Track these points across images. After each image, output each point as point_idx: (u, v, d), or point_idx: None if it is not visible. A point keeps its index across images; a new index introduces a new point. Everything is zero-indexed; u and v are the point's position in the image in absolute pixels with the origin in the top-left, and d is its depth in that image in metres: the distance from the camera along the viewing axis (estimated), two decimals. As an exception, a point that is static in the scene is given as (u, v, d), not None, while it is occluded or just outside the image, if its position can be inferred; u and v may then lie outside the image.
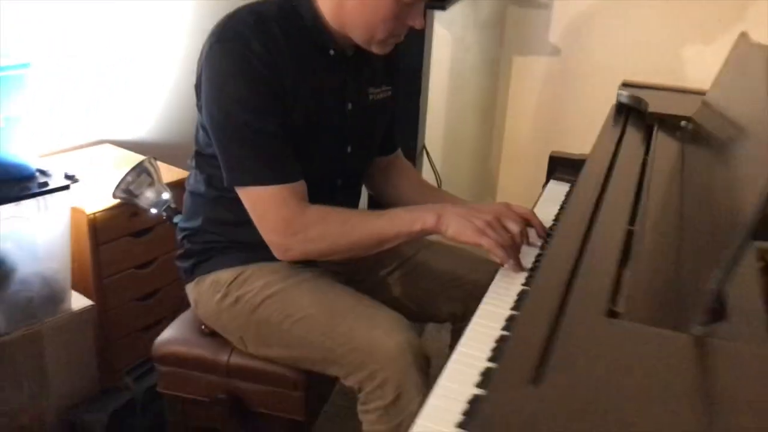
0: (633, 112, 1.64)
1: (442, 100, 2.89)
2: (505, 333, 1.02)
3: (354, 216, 1.31)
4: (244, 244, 1.39)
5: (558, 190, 1.72)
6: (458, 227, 1.22)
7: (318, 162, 1.35)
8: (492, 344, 0.99)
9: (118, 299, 1.93)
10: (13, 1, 1.87)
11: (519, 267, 1.20)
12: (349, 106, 1.40)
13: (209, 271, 1.42)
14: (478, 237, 1.21)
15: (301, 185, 1.30)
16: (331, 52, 1.35)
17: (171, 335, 1.50)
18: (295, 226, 1.27)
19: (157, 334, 1.52)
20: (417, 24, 1.29)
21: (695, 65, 2.34)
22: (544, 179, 2.47)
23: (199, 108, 1.35)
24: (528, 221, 1.31)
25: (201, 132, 1.39)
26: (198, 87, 1.32)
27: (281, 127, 1.27)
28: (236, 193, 1.31)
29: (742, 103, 1.21)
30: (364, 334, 1.26)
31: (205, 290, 1.43)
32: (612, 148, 1.47)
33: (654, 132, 1.45)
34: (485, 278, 1.40)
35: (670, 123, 1.47)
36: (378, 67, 1.45)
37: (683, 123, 1.45)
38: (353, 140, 1.44)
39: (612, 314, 0.86)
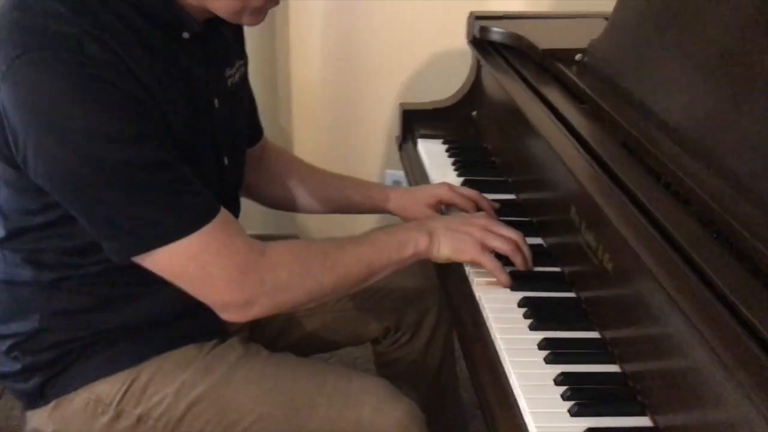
0: (503, 50, 1.46)
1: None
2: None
3: (330, 245, 1.01)
4: (129, 332, 1.00)
5: (436, 151, 1.51)
6: (455, 245, 1.03)
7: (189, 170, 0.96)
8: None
9: None
10: None
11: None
12: (216, 103, 1.02)
13: (77, 388, 0.99)
14: (479, 255, 1.03)
15: (228, 213, 0.95)
16: (185, 35, 0.96)
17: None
18: (257, 272, 0.93)
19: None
20: None
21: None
22: (348, 132, 2.28)
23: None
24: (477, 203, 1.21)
25: (7, 192, 0.91)
26: None
27: (167, 147, 0.90)
28: (106, 264, 0.93)
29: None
30: (348, 420, 0.98)
31: (75, 415, 1.01)
32: (518, 96, 1.29)
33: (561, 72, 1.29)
34: (416, 281, 1.27)
35: (562, 59, 1.32)
36: (229, 38, 1.07)
37: (578, 57, 1.31)
38: (227, 148, 1.08)
39: None
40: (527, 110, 1.23)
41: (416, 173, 1.49)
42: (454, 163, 1.44)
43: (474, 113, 1.61)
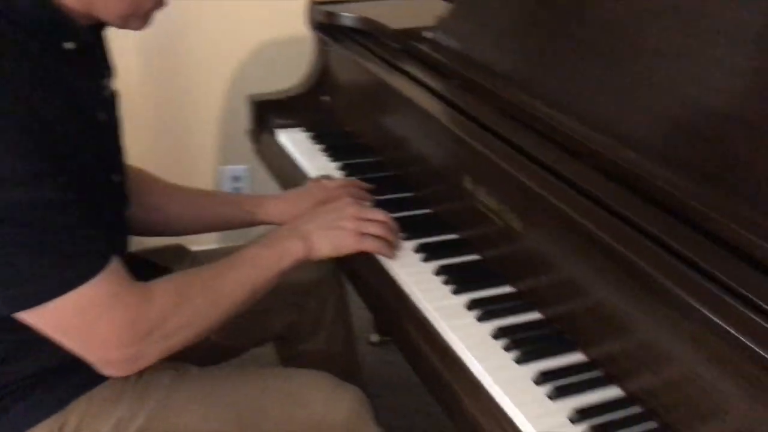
0: (351, 34, 1.50)
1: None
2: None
3: (209, 275, 0.96)
4: (47, 377, 0.92)
5: (299, 139, 1.52)
6: (333, 243, 1.04)
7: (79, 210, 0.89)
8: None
9: None
10: None
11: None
12: (102, 116, 0.96)
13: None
14: (359, 244, 1.06)
15: (118, 260, 0.87)
16: (68, 45, 0.88)
17: None
18: (144, 325, 0.87)
19: None
20: None
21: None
22: (177, 132, 2.18)
23: None
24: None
25: None
26: None
27: (60, 184, 0.82)
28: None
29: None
30: (300, 418, 0.98)
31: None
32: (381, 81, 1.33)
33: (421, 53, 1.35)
34: (313, 272, 1.27)
35: (413, 38, 1.38)
36: (102, 47, 1.01)
37: (428, 34, 1.38)
38: (115, 164, 1.01)
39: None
40: (402, 88, 1.27)
41: (283, 165, 1.49)
42: (323, 150, 1.46)
43: (326, 98, 1.63)
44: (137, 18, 0.90)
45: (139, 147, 2.19)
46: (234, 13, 2.06)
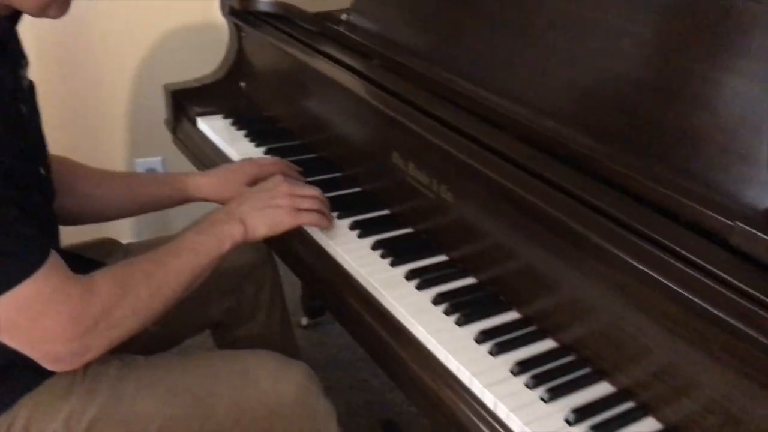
0: (268, 18, 1.50)
1: None
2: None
3: (150, 264, 0.95)
4: None
5: (220, 126, 1.52)
6: (270, 222, 1.05)
7: (13, 206, 0.87)
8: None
9: None
10: None
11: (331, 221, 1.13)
12: (23, 108, 0.94)
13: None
14: (296, 219, 1.08)
15: (57, 255, 0.86)
16: None
17: None
18: (89, 317, 0.87)
19: None
20: None
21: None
22: (83, 130, 2.12)
23: None
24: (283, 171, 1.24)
25: None
26: None
27: None
28: None
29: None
30: (251, 396, 0.99)
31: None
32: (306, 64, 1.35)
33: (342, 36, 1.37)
34: (248, 256, 1.30)
35: (330, 20, 1.40)
36: (16, 37, 0.99)
37: (344, 16, 1.41)
38: (41, 157, 1.00)
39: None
40: (324, 69, 1.30)
41: (206, 152, 1.48)
42: (246, 136, 1.46)
43: (242, 84, 1.64)
44: (57, 6, 0.89)
45: (50, 143, 2.13)
46: (142, 1, 2.02)
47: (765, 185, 0.78)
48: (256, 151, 1.41)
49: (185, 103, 1.59)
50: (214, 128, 1.51)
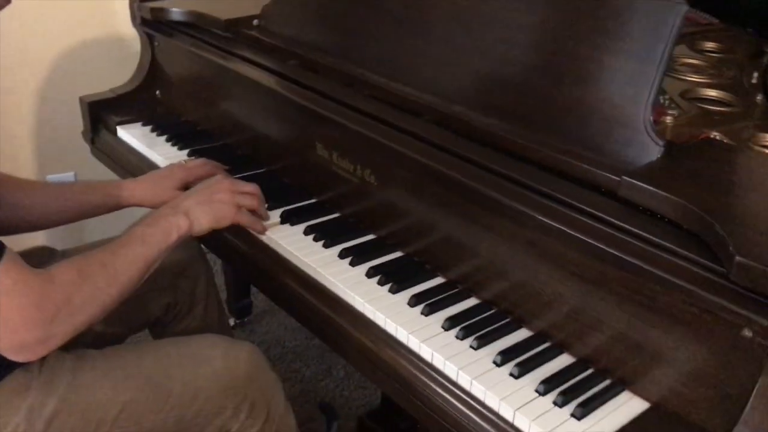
0: (180, 27, 1.56)
1: None
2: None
3: (104, 254, 1.00)
4: None
5: (141, 134, 1.56)
6: (213, 215, 1.12)
7: None
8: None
9: None
10: None
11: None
12: None
13: None
14: (236, 215, 1.15)
15: (11, 249, 0.90)
16: None
17: None
18: (51, 305, 0.91)
19: None
20: None
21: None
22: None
23: None
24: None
25: None
26: None
27: None
28: None
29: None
30: (205, 375, 1.06)
31: None
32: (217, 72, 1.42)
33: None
34: (182, 252, 1.35)
35: (243, 26, 1.47)
36: None
37: (255, 22, 1.48)
38: None
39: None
40: (244, 71, 1.37)
41: (130, 160, 1.52)
42: (168, 140, 1.51)
43: (158, 92, 1.68)
44: None
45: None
46: (45, 13, 2.01)
47: (642, 146, 0.92)
48: (180, 154, 1.46)
49: (103, 113, 1.62)
50: (135, 135, 1.55)
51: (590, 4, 0.98)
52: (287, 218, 1.23)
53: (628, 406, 0.88)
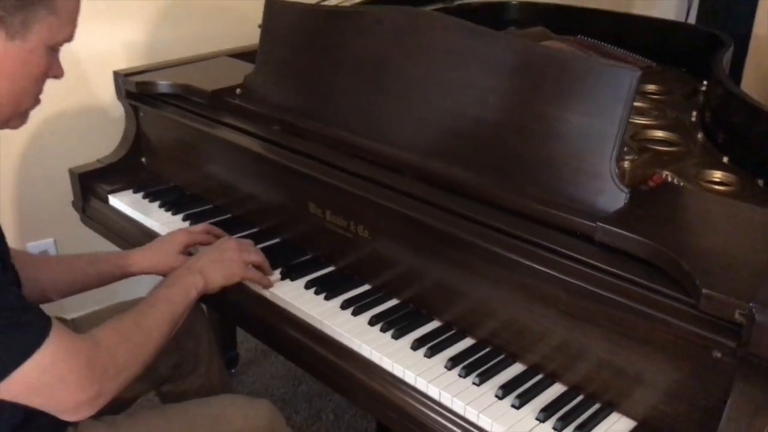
0: (165, 97, 1.64)
1: None
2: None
3: (136, 315, 1.09)
4: None
5: (133, 200, 1.63)
6: (224, 273, 1.22)
7: (14, 285, 1.01)
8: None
9: None
10: None
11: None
12: None
13: None
14: (246, 272, 1.25)
15: (56, 318, 0.98)
16: None
17: None
18: (100, 364, 0.99)
19: None
20: (59, 73, 1.05)
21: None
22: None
23: None
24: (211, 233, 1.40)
25: None
26: None
27: None
28: None
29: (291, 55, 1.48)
30: None
31: None
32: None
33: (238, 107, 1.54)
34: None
35: (228, 95, 1.57)
36: None
37: (238, 91, 1.58)
38: (5, 244, 1.10)
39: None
40: (231, 138, 1.46)
41: (125, 226, 1.59)
42: (161, 206, 1.59)
43: (143, 159, 1.75)
44: (17, 118, 1.01)
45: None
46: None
47: (611, 194, 1.05)
48: (174, 219, 1.54)
49: (92, 183, 1.69)
50: (127, 203, 1.62)
51: (555, 70, 1.12)
52: (287, 274, 1.32)
53: (618, 425, 0.99)
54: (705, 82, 1.79)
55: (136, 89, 1.65)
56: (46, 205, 2.17)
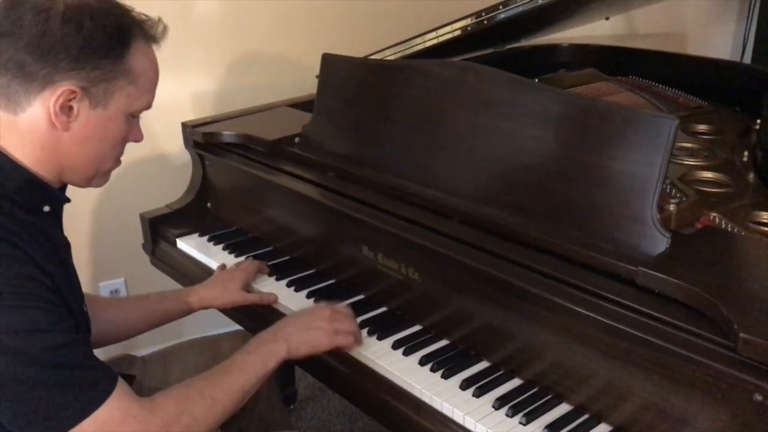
0: (229, 146, 1.75)
1: None
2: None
3: (204, 384, 1.11)
4: None
5: (199, 244, 1.73)
6: (310, 342, 1.23)
7: (84, 342, 1.07)
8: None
9: None
10: None
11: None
12: (71, 260, 1.14)
13: None
14: (334, 340, 1.25)
15: (121, 378, 1.04)
16: (46, 208, 1.06)
17: None
18: (153, 430, 1.02)
19: None
20: (139, 137, 1.14)
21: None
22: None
23: None
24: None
25: None
26: None
27: (69, 326, 0.99)
28: None
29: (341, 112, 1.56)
30: None
31: None
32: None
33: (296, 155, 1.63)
34: None
35: (287, 143, 1.66)
36: None
37: (297, 139, 1.66)
38: (82, 295, 1.18)
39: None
40: (291, 185, 1.54)
41: (191, 268, 1.69)
42: (224, 249, 1.68)
43: (209, 204, 1.86)
44: (100, 177, 1.10)
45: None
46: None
47: (652, 238, 1.08)
48: (236, 261, 1.62)
49: (162, 227, 1.80)
50: (193, 246, 1.71)
51: (596, 120, 1.16)
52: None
53: (663, 467, 1.01)
54: (758, 121, 1.79)
55: (202, 139, 1.76)
56: (118, 247, 2.31)
